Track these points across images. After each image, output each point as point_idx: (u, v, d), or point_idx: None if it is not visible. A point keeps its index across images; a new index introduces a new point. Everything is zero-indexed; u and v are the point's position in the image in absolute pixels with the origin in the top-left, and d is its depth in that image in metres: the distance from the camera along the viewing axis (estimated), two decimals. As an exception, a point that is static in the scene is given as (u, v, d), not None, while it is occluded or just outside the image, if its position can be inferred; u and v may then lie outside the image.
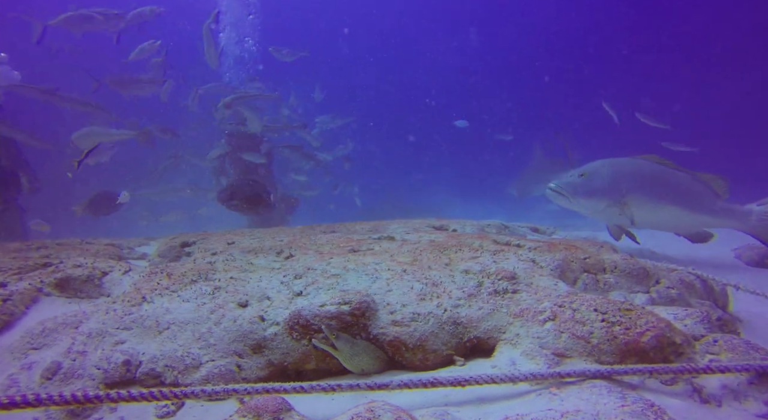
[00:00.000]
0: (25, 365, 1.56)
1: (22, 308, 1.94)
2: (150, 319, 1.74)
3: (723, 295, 2.46)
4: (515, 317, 1.68)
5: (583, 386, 1.30)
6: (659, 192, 3.68)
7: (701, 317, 1.72)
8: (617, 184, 3.63)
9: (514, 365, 1.48)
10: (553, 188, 3.69)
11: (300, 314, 1.67)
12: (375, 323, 1.68)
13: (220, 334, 1.66)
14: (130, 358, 1.58)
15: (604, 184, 3.63)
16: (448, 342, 1.65)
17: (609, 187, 3.63)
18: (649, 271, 2.24)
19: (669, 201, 3.71)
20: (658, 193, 3.68)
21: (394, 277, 1.94)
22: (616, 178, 3.65)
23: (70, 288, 2.13)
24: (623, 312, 1.57)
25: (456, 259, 2.20)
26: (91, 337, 1.66)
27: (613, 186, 3.63)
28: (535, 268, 2.11)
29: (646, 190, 3.67)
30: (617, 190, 3.63)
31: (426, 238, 2.82)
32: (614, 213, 3.72)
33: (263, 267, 2.24)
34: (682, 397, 1.33)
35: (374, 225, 3.70)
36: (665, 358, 1.45)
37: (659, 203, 3.70)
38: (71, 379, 1.50)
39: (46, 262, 2.37)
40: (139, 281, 2.16)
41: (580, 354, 1.48)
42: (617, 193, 3.63)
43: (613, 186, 3.63)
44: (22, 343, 1.67)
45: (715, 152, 14.42)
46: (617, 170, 3.68)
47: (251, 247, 2.79)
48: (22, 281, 2.10)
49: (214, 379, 1.54)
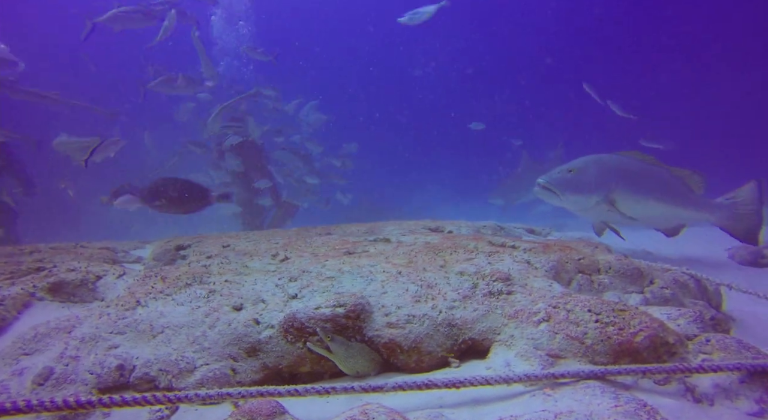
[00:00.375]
0: (16, 371, 1.54)
1: (14, 313, 1.93)
2: (144, 323, 1.73)
3: (716, 295, 2.48)
4: (510, 318, 1.68)
5: (577, 387, 1.31)
6: (643, 188, 3.72)
7: (694, 317, 1.73)
8: (605, 179, 3.63)
9: (509, 366, 1.49)
10: (542, 184, 3.61)
11: (295, 317, 1.67)
12: (370, 325, 1.68)
13: (215, 338, 1.66)
14: (123, 363, 1.57)
15: (592, 180, 3.62)
16: (443, 344, 1.65)
17: (597, 183, 3.62)
18: (643, 272, 2.25)
19: (652, 196, 3.75)
20: (642, 188, 3.72)
21: (389, 279, 1.95)
22: (604, 174, 3.64)
23: (64, 292, 2.12)
24: (617, 312, 1.58)
25: (451, 261, 2.20)
26: (85, 342, 1.64)
27: (600, 182, 3.62)
28: (530, 270, 2.12)
29: (631, 185, 3.68)
30: (605, 185, 3.63)
31: (421, 239, 2.82)
32: (602, 210, 3.72)
33: (258, 270, 2.24)
34: (674, 397, 1.34)
35: (370, 227, 3.70)
36: (658, 358, 1.46)
37: (643, 199, 3.73)
38: (64, 384, 1.49)
39: (39, 266, 2.36)
40: (133, 285, 2.14)
41: (574, 355, 1.49)
42: (605, 188, 3.63)
43: (601, 182, 3.63)
44: (13, 349, 1.65)
45: (715, 152, 14.54)
46: (604, 166, 3.68)
47: (246, 249, 2.78)
48: (14, 286, 2.08)
49: (208, 382, 1.54)
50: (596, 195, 3.62)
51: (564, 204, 3.71)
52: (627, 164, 3.74)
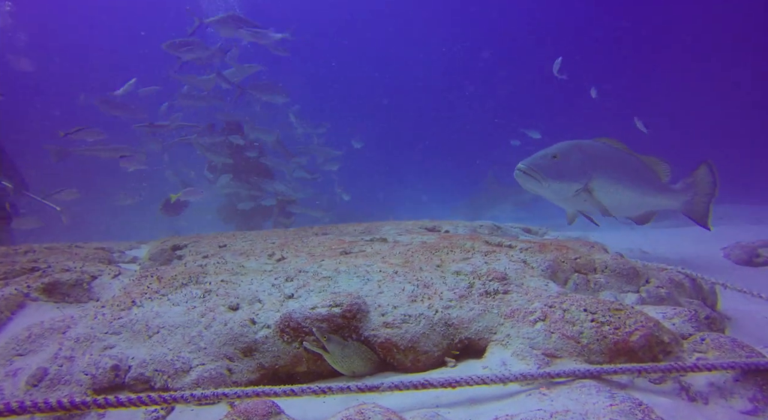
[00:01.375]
0: (9, 372, 1.53)
1: (7, 314, 1.92)
2: (139, 323, 1.72)
3: (712, 294, 2.49)
4: (506, 318, 1.68)
5: (573, 386, 1.31)
6: (620, 175, 3.60)
7: (689, 316, 1.74)
8: (586, 167, 3.45)
9: (505, 366, 1.49)
10: (524, 169, 3.32)
11: (291, 317, 1.66)
12: (366, 325, 1.68)
13: (211, 338, 1.65)
14: (118, 363, 1.56)
15: (575, 167, 3.41)
16: (440, 343, 1.65)
17: (579, 170, 3.43)
18: (639, 271, 2.26)
19: (627, 184, 3.64)
20: (619, 176, 3.60)
21: (386, 278, 1.94)
22: (585, 160, 3.46)
23: (58, 293, 2.10)
24: (612, 312, 1.58)
25: (447, 261, 2.20)
26: (79, 343, 1.63)
27: (582, 169, 3.44)
28: (526, 269, 2.12)
29: (610, 173, 3.55)
30: (586, 173, 3.45)
31: (418, 239, 2.82)
32: (580, 199, 3.55)
33: (255, 270, 2.23)
34: (670, 396, 1.34)
35: (367, 226, 3.70)
36: (654, 357, 1.46)
37: (621, 187, 3.62)
38: (58, 385, 1.48)
39: (33, 266, 2.34)
40: (128, 285, 2.13)
41: (570, 354, 1.49)
42: (585, 176, 3.45)
43: (583, 169, 3.44)
44: (6, 350, 1.64)
45: (715, 151, 14.61)
46: (585, 152, 3.50)
47: (243, 249, 2.78)
48: (7, 286, 2.07)
49: (204, 383, 1.53)
50: (577, 183, 3.43)
51: (544, 191, 3.47)
52: (605, 151, 3.59)
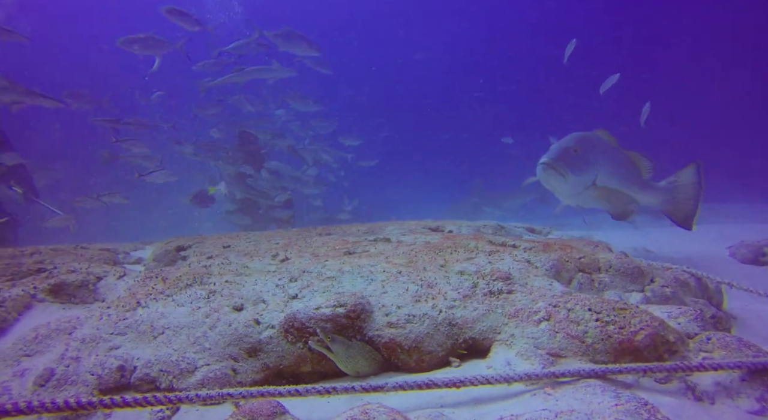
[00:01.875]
0: (17, 372, 1.54)
1: (14, 315, 1.93)
2: (145, 323, 1.73)
3: (717, 293, 2.47)
4: (510, 318, 1.68)
5: (578, 386, 1.31)
6: (615, 169, 3.54)
7: (695, 315, 1.73)
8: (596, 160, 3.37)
9: (509, 366, 1.48)
10: (549, 163, 3.11)
11: (295, 317, 1.67)
12: (370, 325, 1.68)
13: (215, 338, 1.66)
14: (124, 364, 1.57)
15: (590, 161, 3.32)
16: (444, 343, 1.65)
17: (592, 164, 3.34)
18: (643, 270, 2.25)
19: (619, 179, 3.57)
20: (614, 170, 3.53)
21: (390, 278, 1.95)
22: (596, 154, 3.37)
23: (64, 294, 2.12)
24: (617, 311, 1.58)
25: (451, 260, 2.20)
26: (85, 343, 1.65)
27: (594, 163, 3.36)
28: (530, 269, 2.12)
29: (608, 167, 3.48)
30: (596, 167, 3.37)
31: (421, 239, 2.82)
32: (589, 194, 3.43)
33: (258, 270, 2.24)
34: (675, 395, 1.33)
35: (370, 227, 3.70)
36: (659, 357, 1.46)
37: (614, 181, 3.54)
38: (65, 385, 1.49)
39: (39, 267, 2.36)
40: (133, 286, 2.15)
41: (574, 354, 1.49)
42: (596, 170, 3.37)
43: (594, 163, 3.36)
44: (14, 350, 1.65)
45: (715, 151, 14.52)
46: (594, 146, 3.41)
47: (247, 250, 2.78)
48: (14, 287, 2.08)
49: (209, 383, 1.54)
50: (592, 177, 3.34)
51: (563, 187, 3.30)
52: (605, 145, 3.51)
